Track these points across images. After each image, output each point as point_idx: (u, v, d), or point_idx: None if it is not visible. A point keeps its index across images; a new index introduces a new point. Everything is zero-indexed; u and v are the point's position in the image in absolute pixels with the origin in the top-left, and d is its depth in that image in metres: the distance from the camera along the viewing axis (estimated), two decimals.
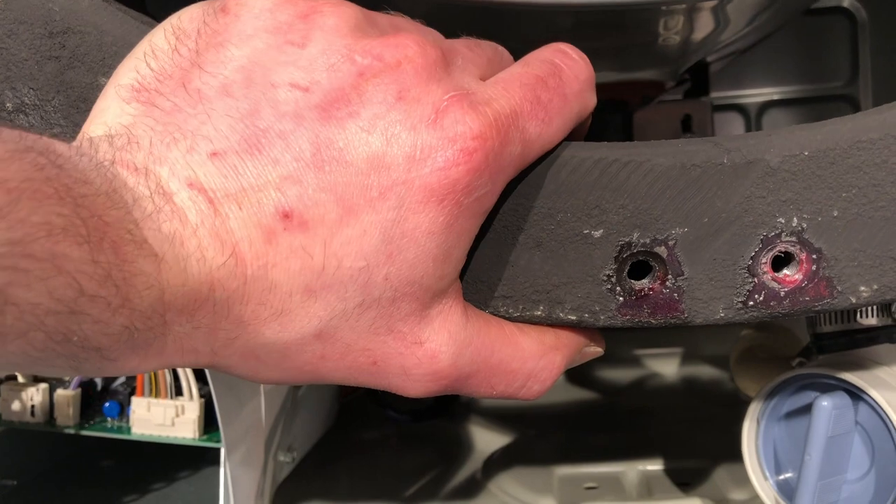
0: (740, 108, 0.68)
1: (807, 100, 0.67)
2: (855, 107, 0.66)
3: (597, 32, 0.43)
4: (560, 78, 0.28)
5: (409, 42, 0.25)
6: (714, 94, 0.66)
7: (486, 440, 0.62)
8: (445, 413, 0.65)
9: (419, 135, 0.24)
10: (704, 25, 0.44)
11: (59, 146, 0.21)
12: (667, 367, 0.70)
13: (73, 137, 0.25)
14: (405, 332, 0.26)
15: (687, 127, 0.65)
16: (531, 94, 0.27)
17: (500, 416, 0.64)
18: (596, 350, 0.31)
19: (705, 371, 0.68)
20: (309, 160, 0.23)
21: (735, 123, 0.68)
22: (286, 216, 0.23)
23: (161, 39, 0.26)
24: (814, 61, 0.67)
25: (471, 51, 0.28)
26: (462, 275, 0.28)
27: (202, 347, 0.24)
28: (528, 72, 0.28)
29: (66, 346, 0.20)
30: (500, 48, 0.31)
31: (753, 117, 0.68)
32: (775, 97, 0.67)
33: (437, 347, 0.26)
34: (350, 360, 0.25)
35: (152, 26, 0.27)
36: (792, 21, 0.62)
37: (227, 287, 0.23)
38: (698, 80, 0.64)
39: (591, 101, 0.30)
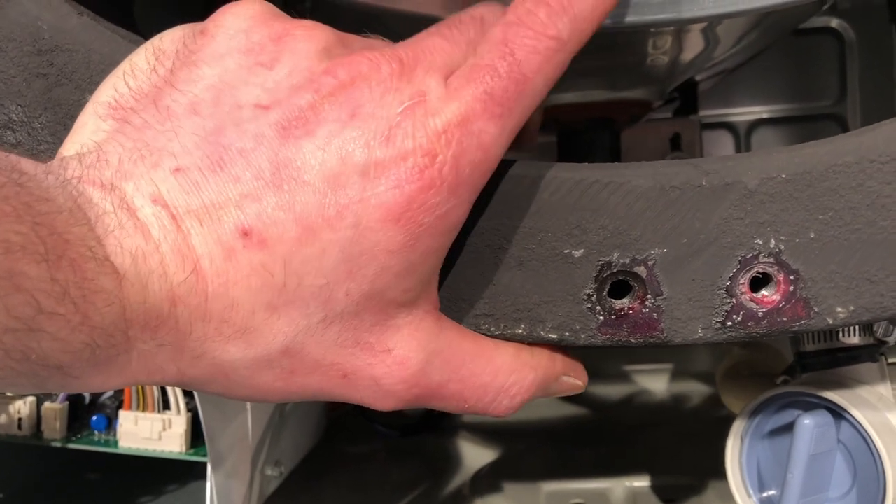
0: (729, 127, 0.69)
1: (795, 118, 0.68)
2: (843, 126, 0.67)
3: (584, 53, 0.43)
4: (513, 58, 0.25)
5: (362, 59, 0.25)
6: (703, 113, 0.67)
7: (474, 455, 0.62)
8: (433, 428, 0.65)
9: (373, 152, 0.24)
10: (693, 45, 0.45)
11: (26, 164, 0.21)
12: (655, 383, 0.70)
13: None
14: (373, 342, 0.26)
15: (676, 145, 0.65)
16: (481, 91, 0.25)
17: (488, 432, 0.64)
18: (576, 383, 0.31)
19: (694, 388, 0.69)
20: (269, 179, 0.23)
21: (724, 141, 0.69)
22: (245, 234, 0.23)
23: (142, 59, 0.26)
24: (802, 80, 0.67)
25: (444, 39, 0.27)
26: (442, 292, 0.28)
27: (168, 365, 0.24)
28: (476, 63, 0.25)
29: (25, 364, 0.20)
30: (490, 10, 0.28)
31: (743, 136, 0.68)
32: (764, 116, 0.68)
33: (405, 354, 0.26)
34: (320, 375, 0.26)
35: (140, 45, 0.28)
36: (780, 41, 0.63)
37: (188, 304, 0.23)
38: (687, 98, 0.65)
39: (569, 51, 0.26)
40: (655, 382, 0.70)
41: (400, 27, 0.36)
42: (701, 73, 0.54)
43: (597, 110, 0.52)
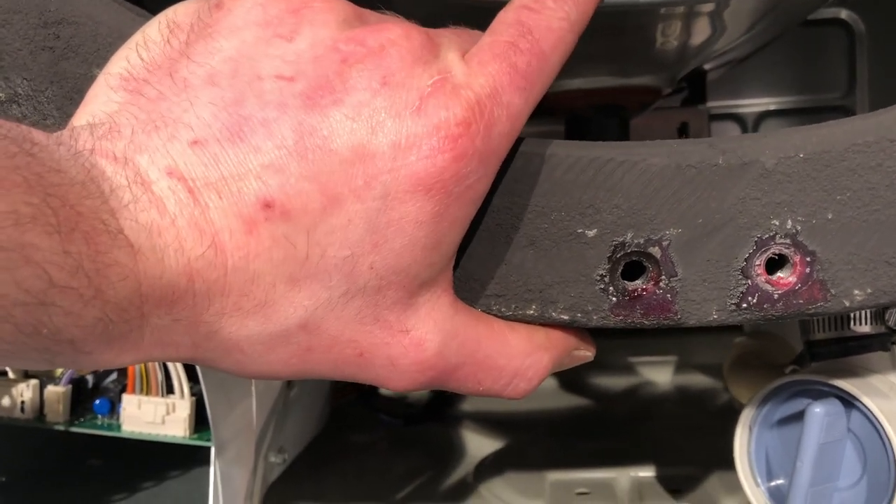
0: (737, 118, 0.68)
1: (804, 111, 0.67)
2: None
3: (595, 36, 0.43)
4: (531, 35, 0.26)
5: (393, 27, 0.25)
6: (711, 103, 0.67)
7: (478, 444, 0.62)
8: (437, 417, 0.65)
9: (404, 122, 0.24)
10: (702, 31, 0.44)
11: (38, 135, 0.21)
12: (660, 374, 0.69)
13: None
14: (391, 321, 0.25)
15: (684, 134, 0.65)
16: (506, 65, 0.26)
17: (493, 421, 0.64)
18: (585, 354, 0.31)
19: (699, 379, 0.68)
20: (292, 148, 0.23)
21: (732, 132, 0.68)
22: (268, 206, 0.23)
23: (155, 31, 0.26)
24: (811, 72, 0.67)
25: (458, 35, 0.28)
26: (454, 272, 0.28)
27: (183, 340, 0.23)
28: (497, 40, 0.26)
29: (36, 338, 0.20)
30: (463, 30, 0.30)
31: (750, 127, 0.68)
32: (772, 107, 0.68)
33: (423, 335, 0.26)
34: (337, 352, 0.25)
35: (147, 18, 0.27)
36: (789, 31, 0.62)
37: (206, 278, 0.22)
38: (696, 88, 0.64)
39: (577, 32, 0.28)
40: (661, 374, 0.69)
41: (410, 6, 0.36)
42: (710, 61, 0.53)
43: (606, 97, 0.52)
